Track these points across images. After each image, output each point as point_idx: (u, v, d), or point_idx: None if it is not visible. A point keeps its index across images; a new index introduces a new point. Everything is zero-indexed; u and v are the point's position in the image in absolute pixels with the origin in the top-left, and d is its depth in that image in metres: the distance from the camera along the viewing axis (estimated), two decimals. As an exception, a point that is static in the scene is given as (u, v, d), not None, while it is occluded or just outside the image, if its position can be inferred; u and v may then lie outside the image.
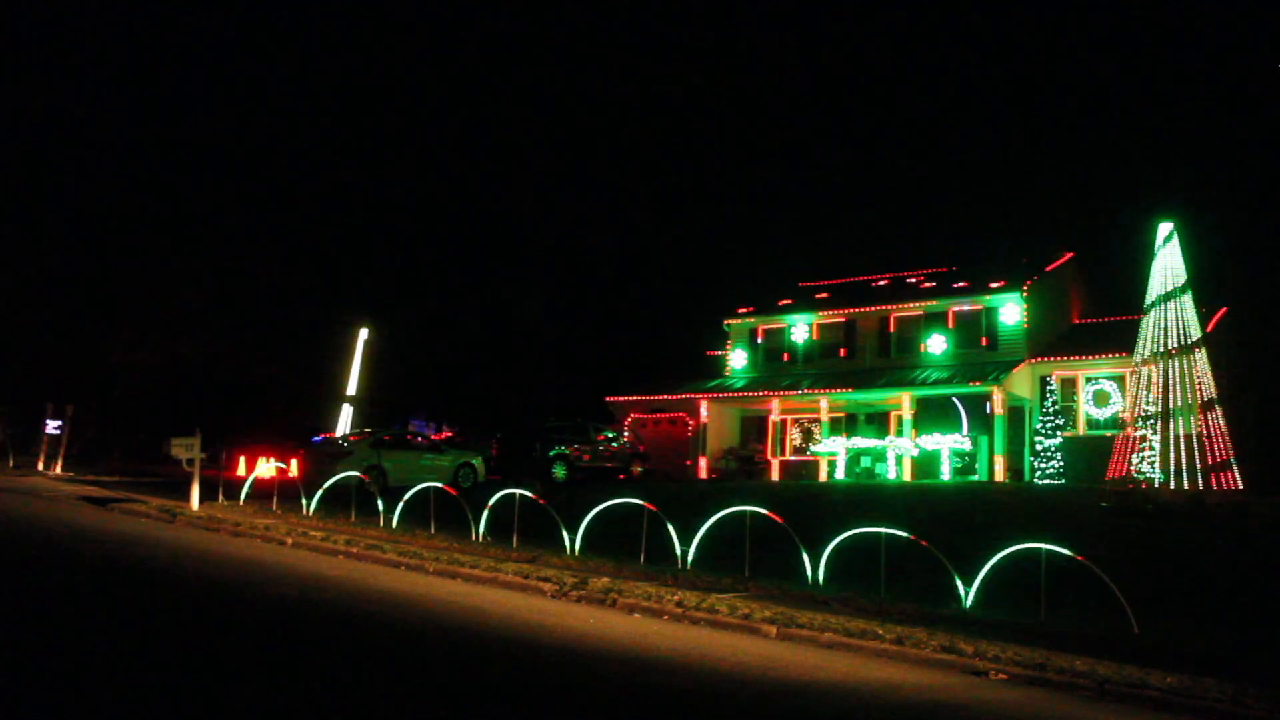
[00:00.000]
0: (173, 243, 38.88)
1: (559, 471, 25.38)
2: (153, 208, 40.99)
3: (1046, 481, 24.43)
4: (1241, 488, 21.61)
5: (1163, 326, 22.41)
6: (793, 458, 30.89)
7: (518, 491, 14.98)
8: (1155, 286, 22.93)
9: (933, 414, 27.89)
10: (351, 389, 37.09)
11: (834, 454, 28.59)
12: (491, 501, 15.13)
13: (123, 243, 38.09)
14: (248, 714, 5.78)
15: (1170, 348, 22.10)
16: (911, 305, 30.43)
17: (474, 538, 14.63)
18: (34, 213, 37.71)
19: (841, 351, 31.19)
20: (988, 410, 26.46)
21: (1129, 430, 22.58)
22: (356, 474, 19.67)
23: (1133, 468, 22.17)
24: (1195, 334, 22.27)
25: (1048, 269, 30.77)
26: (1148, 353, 22.61)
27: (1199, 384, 21.86)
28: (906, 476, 26.51)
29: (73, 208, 39.14)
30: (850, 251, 76.07)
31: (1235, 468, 21.88)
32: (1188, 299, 22.61)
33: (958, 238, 74.08)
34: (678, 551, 12.64)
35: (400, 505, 16.15)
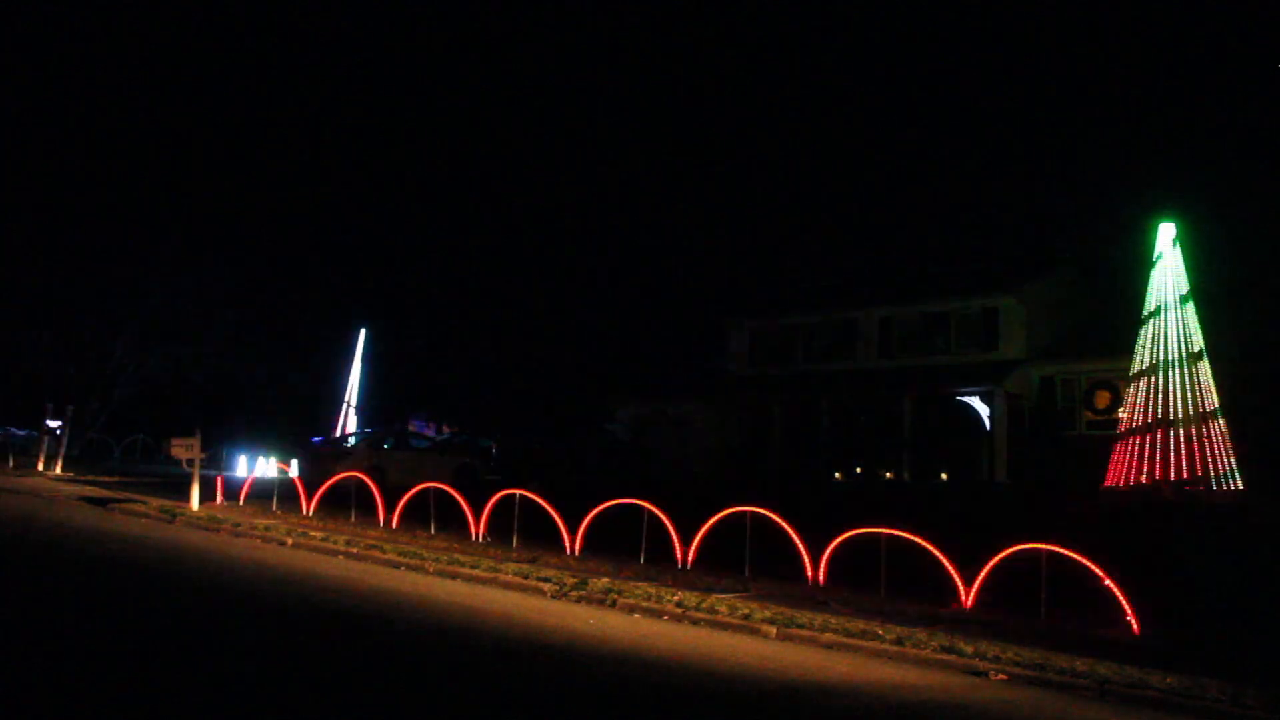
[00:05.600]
0: (173, 242, 38.91)
1: (559, 472, 25.43)
2: (154, 208, 41.05)
3: (1047, 482, 24.41)
4: (1242, 488, 21.58)
5: (1164, 332, 22.34)
6: (794, 457, 30.87)
7: (518, 491, 14.97)
8: (1156, 291, 22.85)
9: (933, 414, 27.89)
10: (352, 389, 37.10)
11: (834, 453, 28.57)
12: (491, 502, 15.12)
13: (123, 244, 38.12)
14: (247, 713, 5.78)
15: (1171, 354, 22.03)
16: (912, 306, 30.42)
17: (474, 538, 14.63)
18: (35, 214, 37.74)
19: (842, 352, 31.19)
20: (988, 410, 26.46)
21: (1131, 435, 22.54)
22: (357, 474, 19.63)
23: (1134, 470, 22.14)
24: (1197, 339, 22.21)
25: (1048, 269, 30.76)
26: (1149, 359, 22.57)
27: (1200, 390, 21.81)
28: (907, 477, 26.52)
29: (73, 210, 39.18)
30: (851, 251, 76.06)
31: (1236, 473, 21.85)
32: (1189, 304, 22.56)
33: (958, 238, 74.04)
34: (678, 552, 12.64)
35: (400, 505, 16.15)
